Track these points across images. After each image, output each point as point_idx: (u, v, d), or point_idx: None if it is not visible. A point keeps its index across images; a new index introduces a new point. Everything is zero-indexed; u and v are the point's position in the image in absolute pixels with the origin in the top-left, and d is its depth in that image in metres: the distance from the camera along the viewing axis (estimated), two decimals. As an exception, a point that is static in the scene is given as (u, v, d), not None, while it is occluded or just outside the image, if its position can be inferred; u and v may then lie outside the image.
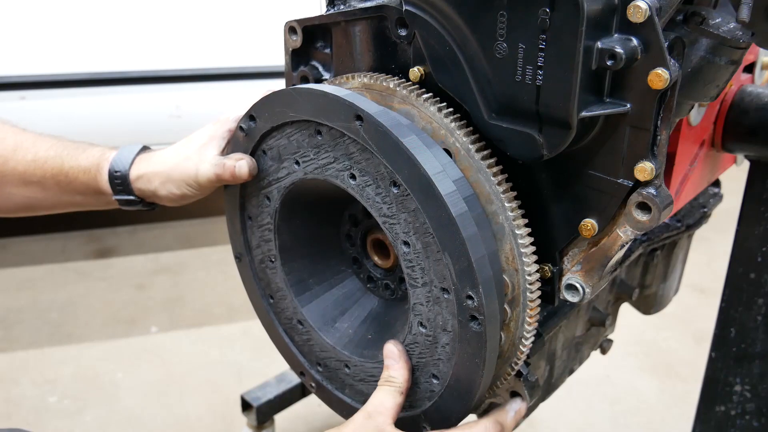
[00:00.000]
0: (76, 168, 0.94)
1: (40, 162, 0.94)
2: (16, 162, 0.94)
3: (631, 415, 1.95)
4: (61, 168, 0.93)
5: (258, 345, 2.21)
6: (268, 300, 0.91)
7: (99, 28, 2.42)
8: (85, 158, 0.94)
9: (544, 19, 0.58)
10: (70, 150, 0.95)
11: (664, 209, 0.61)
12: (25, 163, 0.94)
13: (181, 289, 2.52)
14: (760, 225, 0.91)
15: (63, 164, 0.93)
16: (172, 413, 1.93)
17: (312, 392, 0.90)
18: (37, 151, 0.95)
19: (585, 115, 0.59)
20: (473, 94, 0.67)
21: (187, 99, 2.55)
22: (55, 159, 0.94)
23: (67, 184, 0.94)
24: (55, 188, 0.95)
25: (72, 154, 0.94)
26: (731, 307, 0.96)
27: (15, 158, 0.94)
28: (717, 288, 0.98)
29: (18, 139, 0.96)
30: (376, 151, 0.67)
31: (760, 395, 0.97)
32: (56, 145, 0.95)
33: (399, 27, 0.72)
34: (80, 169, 0.93)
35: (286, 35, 0.84)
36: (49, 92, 2.42)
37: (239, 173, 0.82)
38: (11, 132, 0.97)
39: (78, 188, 0.95)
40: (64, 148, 0.95)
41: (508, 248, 0.68)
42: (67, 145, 0.96)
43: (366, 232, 0.85)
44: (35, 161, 0.94)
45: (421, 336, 0.73)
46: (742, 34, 0.64)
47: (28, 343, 2.26)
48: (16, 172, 0.94)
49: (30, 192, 0.96)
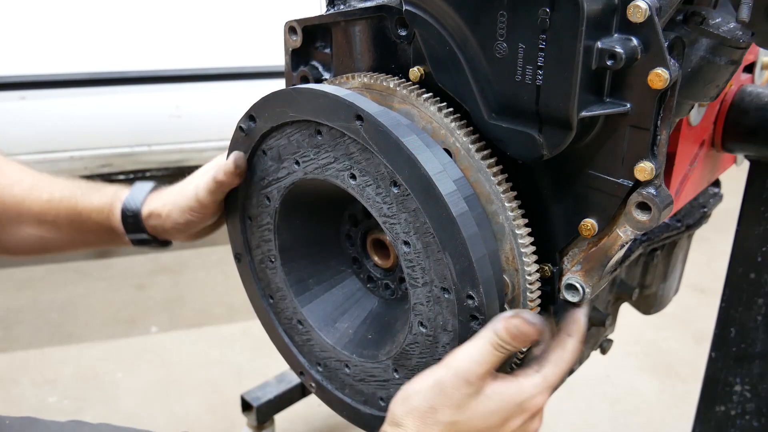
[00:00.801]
0: (90, 207, 0.94)
1: (55, 202, 0.94)
2: (31, 202, 0.95)
3: (631, 415, 1.95)
4: (75, 207, 0.94)
5: (258, 345, 2.21)
6: (267, 300, 0.91)
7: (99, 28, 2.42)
8: (99, 198, 0.94)
9: (544, 19, 0.58)
10: (83, 190, 0.96)
11: (664, 209, 0.61)
12: (41, 203, 0.94)
13: (181, 289, 2.52)
14: (760, 225, 0.91)
15: (77, 204, 0.94)
16: (172, 413, 1.93)
17: (312, 392, 0.90)
18: (52, 191, 0.95)
19: (585, 115, 0.59)
20: (473, 93, 0.67)
21: (187, 99, 2.55)
22: (70, 199, 0.94)
23: (81, 224, 0.95)
24: (68, 228, 0.95)
25: (86, 193, 0.95)
26: (731, 307, 0.96)
27: (31, 198, 0.95)
28: (717, 288, 0.98)
29: (35, 179, 0.97)
30: (377, 151, 0.67)
31: (760, 395, 0.97)
32: (70, 185, 0.96)
33: (399, 27, 0.72)
34: (93, 208, 0.94)
35: (286, 35, 0.84)
36: (49, 92, 2.42)
37: (226, 167, 0.81)
38: (29, 173, 0.98)
39: (91, 227, 0.95)
40: (78, 188, 0.95)
41: (509, 248, 0.68)
42: (81, 185, 0.96)
43: (366, 231, 0.85)
44: (50, 201, 0.94)
45: (422, 336, 0.73)
46: (742, 34, 0.64)
47: (28, 343, 2.26)
48: (31, 211, 0.95)
49: (44, 232, 0.96)
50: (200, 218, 0.89)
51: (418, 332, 0.73)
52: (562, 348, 0.71)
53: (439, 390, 0.65)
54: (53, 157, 2.56)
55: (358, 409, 0.83)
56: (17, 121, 2.45)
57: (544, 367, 0.69)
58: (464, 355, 0.65)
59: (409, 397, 0.67)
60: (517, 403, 0.67)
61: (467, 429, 0.66)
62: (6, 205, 0.95)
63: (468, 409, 0.65)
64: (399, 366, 0.77)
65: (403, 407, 0.67)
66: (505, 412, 0.66)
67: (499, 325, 0.65)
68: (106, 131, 2.56)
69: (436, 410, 0.65)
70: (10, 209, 0.95)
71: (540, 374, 0.68)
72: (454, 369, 0.65)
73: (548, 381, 0.69)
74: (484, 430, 0.66)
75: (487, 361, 0.65)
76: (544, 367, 0.69)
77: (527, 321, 0.64)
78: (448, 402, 0.65)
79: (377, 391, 0.81)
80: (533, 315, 0.65)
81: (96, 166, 2.64)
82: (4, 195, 0.95)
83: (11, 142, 2.49)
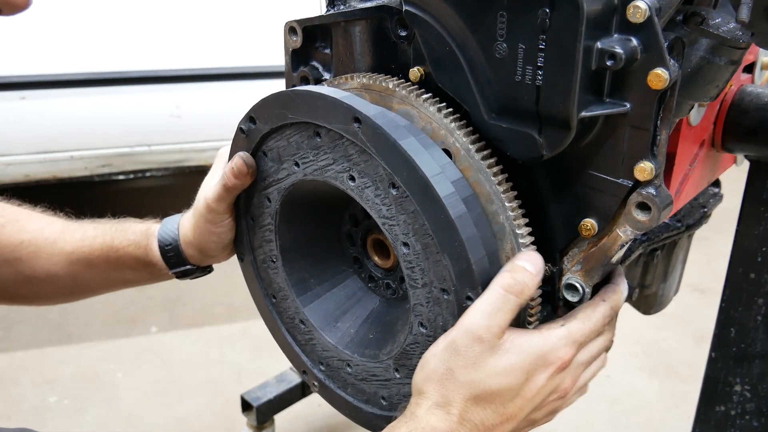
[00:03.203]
0: (126, 242, 0.93)
1: (89, 240, 0.93)
2: (64, 242, 0.94)
3: (631, 415, 1.95)
4: (111, 243, 0.92)
5: (258, 345, 2.21)
6: (270, 300, 0.91)
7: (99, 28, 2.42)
8: (133, 232, 0.93)
9: (544, 20, 0.58)
10: (116, 226, 0.95)
11: (664, 209, 0.61)
12: (74, 242, 0.93)
13: (181, 289, 2.52)
14: (760, 225, 0.91)
15: (113, 240, 0.93)
16: (172, 413, 1.93)
17: (314, 391, 0.91)
18: (85, 231, 0.94)
19: (585, 116, 0.59)
20: (473, 94, 0.67)
21: (187, 99, 2.55)
22: (104, 236, 0.93)
23: (117, 260, 0.93)
24: (103, 265, 0.94)
25: (120, 228, 0.94)
26: (731, 307, 0.96)
27: (63, 238, 0.94)
28: (717, 288, 0.98)
29: (65, 223, 0.96)
30: (375, 153, 0.67)
31: (760, 395, 0.97)
32: (103, 224, 0.95)
33: (399, 27, 0.72)
34: (130, 242, 0.92)
35: (286, 35, 0.84)
36: (49, 92, 2.42)
37: (239, 169, 0.81)
38: (58, 219, 0.97)
39: (128, 263, 0.93)
40: (112, 226, 0.95)
41: (509, 248, 0.68)
42: (113, 222, 0.96)
43: (366, 232, 0.85)
44: (83, 239, 0.93)
45: (422, 336, 0.73)
46: (742, 34, 0.64)
47: (28, 343, 2.26)
48: (64, 252, 0.93)
49: (77, 272, 0.94)
50: (225, 228, 0.88)
51: (419, 333, 0.73)
52: (593, 308, 0.68)
53: (452, 350, 0.63)
54: (53, 157, 2.56)
55: (361, 408, 0.84)
56: (17, 121, 2.45)
57: (570, 321, 0.67)
58: (475, 311, 0.63)
59: (426, 362, 0.65)
60: (539, 354, 0.64)
61: (489, 387, 0.63)
62: (38, 247, 0.93)
63: (486, 365, 0.63)
64: (400, 366, 0.77)
65: (422, 374, 0.65)
66: (526, 365, 0.63)
67: (502, 273, 0.64)
68: (106, 131, 2.57)
69: (453, 372, 0.63)
70: (42, 252, 0.93)
71: (565, 327, 0.66)
72: (465, 327, 0.63)
73: (573, 335, 0.66)
74: (507, 387, 0.63)
75: (498, 313, 0.62)
76: (570, 322, 0.67)
77: (528, 258, 0.64)
78: (463, 361, 0.63)
79: (379, 391, 0.81)
80: (533, 254, 0.65)
81: (96, 166, 2.64)
82: (36, 237, 0.94)
83: (11, 142, 2.49)
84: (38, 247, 0.94)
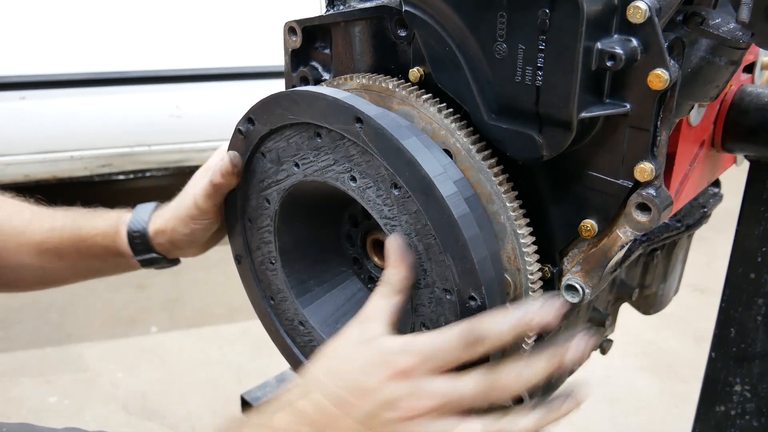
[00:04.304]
0: (94, 232, 0.93)
1: (57, 230, 0.93)
2: (32, 232, 0.93)
3: (631, 415, 1.95)
4: (78, 233, 0.92)
5: (258, 345, 2.21)
6: (268, 302, 0.91)
7: (99, 28, 2.42)
8: (102, 222, 0.93)
9: (544, 20, 0.58)
10: (86, 216, 0.94)
11: (664, 210, 0.61)
12: (42, 232, 0.93)
13: (181, 289, 2.52)
14: (760, 225, 0.91)
15: (80, 229, 0.93)
16: (172, 413, 1.93)
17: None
18: (54, 220, 0.94)
19: (585, 116, 0.59)
20: (473, 94, 0.67)
21: (187, 99, 2.55)
22: (72, 225, 0.93)
23: (86, 250, 0.93)
24: (73, 255, 0.94)
25: (89, 218, 0.94)
26: (731, 307, 0.96)
27: (31, 228, 0.93)
28: (717, 288, 0.98)
29: (34, 211, 0.95)
30: (377, 153, 0.67)
31: (760, 395, 0.97)
32: (72, 213, 0.95)
33: (399, 27, 0.72)
34: (98, 232, 0.92)
35: (286, 35, 0.84)
36: (49, 92, 2.42)
37: (224, 168, 0.81)
38: (27, 206, 0.97)
39: (96, 252, 0.94)
40: (81, 215, 0.94)
41: (510, 248, 0.68)
42: (83, 212, 0.95)
43: (366, 232, 0.85)
44: (52, 230, 0.93)
45: (422, 337, 0.73)
46: (742, 35, 0.64)
47: (28, 343, 2.26)
48: (32, 242, 0.93)
49: (46, 262, 0.94)
50: (204, 226, 0.89)
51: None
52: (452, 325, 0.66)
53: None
54: (53, 157, 2.56)
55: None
56: (17, 121, 2.45)
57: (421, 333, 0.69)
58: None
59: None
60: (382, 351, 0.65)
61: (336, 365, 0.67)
62: (5, 237, 0.93)
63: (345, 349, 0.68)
64: (399, 367, 0.76)
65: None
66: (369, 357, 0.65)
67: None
68: (106, 131, 2.57)
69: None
70: (10, 241, 0.93)
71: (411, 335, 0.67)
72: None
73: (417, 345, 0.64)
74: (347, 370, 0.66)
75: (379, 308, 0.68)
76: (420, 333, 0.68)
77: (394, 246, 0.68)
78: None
79: (377, 392, 0.81)
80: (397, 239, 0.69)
81: (96, 166, 2.64)
82: (3, 227, 0.94)
83: (11, 142, 2.49)
84: (6, 237, 0.93)
